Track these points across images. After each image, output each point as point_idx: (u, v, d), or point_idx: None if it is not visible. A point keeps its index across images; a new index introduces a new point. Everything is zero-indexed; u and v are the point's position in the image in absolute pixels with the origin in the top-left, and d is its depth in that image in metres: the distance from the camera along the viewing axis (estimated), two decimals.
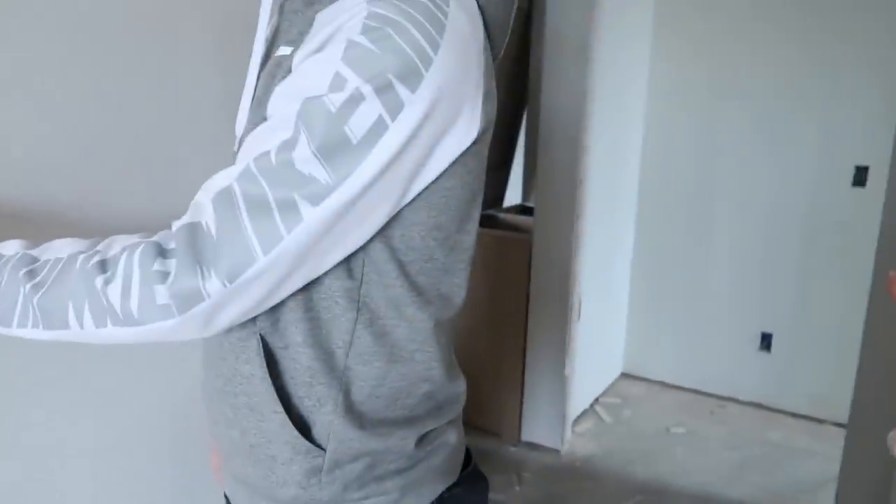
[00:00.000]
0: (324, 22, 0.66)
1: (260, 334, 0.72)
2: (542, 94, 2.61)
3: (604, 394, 3.39)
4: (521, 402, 2.88)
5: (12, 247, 0.68)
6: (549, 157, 2.66)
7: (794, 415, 3.16)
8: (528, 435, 2.90)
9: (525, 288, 2.76)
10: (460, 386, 0.83)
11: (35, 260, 0.66)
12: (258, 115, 0.70)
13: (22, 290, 0.64)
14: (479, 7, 0.71)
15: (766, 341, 3.21)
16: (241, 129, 0.72)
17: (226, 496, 0.89)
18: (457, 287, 0.78)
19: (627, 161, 3.26)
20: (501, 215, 3.12)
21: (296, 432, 0.72)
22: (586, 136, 2.60)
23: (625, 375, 3.58)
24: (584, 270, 2.80)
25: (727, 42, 3.04)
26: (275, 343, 0.72)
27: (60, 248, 0.67)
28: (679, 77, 3.19)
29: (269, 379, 0.71)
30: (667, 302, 3.42)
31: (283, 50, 0.70)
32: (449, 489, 0.82)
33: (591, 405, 3.25)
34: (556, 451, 2.84)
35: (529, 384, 2.86)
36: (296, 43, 0.69)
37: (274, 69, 0.71)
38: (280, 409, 0.71)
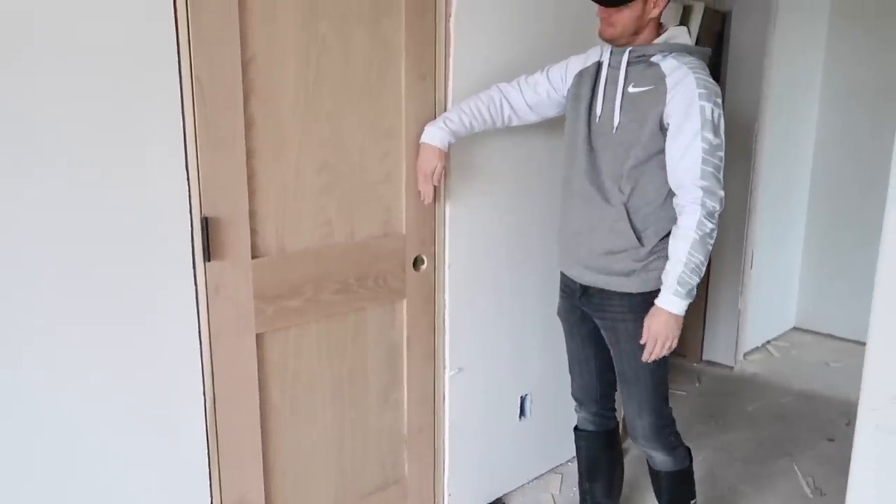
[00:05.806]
0: (672, 83, 1.66)
1: (625, 206, 1.75)
2: (725, 93, 3.51)
3: (775, 339, 4.13)
4: (703, 330, 3.77)
5: None
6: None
7: None
8: (707, 355, 3.78)
9: None
10: None
11: None
12: (631, 119, 1.71)
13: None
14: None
15: None
16: (616, 120, 1.73)
17: (563, 275, 1.99)
18: None
19: (802, 140, 3.99)
20: None
21: (636, 242, 1.75)
22: (761, 120, 3.46)
23: (796, 329, 4.28)
24: (758, 231, 3.63)
25: None
26: (631, 207, 1.75)
27: None
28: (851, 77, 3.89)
29: (629, 222, 1.74)
30: (838, 262, 4.08)
31: (635, 89, 1.72)
32: None
33: (763, 345, 4.03)
34: (730, 368, 3.69)
35: (710, 316, 3.73)
36: (645, 85, 1.70)
37: (636, 98, 1.70)
38: (632, 232, 1.74)
